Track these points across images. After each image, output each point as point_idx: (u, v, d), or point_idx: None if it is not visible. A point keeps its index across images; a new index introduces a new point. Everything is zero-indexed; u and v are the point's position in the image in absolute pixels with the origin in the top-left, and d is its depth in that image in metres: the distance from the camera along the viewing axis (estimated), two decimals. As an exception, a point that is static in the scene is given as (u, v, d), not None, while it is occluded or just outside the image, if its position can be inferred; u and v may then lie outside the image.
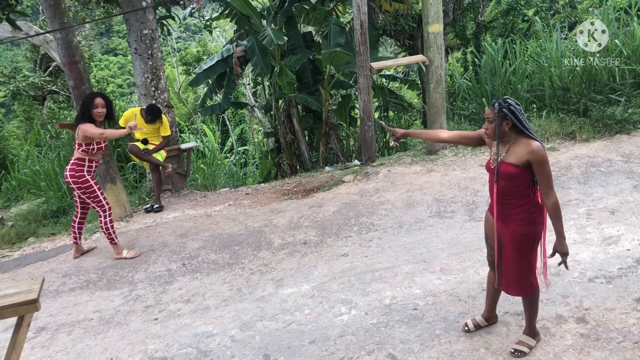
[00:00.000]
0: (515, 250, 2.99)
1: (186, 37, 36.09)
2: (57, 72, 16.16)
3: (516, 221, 2.95)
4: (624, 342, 3.17)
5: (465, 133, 3.36)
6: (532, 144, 2.84)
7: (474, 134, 3.27)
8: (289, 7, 10.74)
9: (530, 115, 8.45)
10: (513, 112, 2.87)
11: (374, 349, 3.43)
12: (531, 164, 2.84)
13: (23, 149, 10.40)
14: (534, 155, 2.82)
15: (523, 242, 2.96)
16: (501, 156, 2.96)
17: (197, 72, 11.80)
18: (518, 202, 2.93)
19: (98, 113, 5.10)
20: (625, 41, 8.12)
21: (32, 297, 2.88)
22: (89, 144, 5.15)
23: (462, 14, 14.13)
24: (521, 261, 3.00)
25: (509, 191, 2.93)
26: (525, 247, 2.97)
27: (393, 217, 5.79)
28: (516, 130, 2.90)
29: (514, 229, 2.96)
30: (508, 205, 2.98)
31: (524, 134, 2.89)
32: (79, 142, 5.15)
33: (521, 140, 2.90)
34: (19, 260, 5.90)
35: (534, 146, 2.83)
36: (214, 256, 5.39)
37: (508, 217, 2.99)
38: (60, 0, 6.31)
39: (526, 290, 3.07)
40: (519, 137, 2.91)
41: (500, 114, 2.88)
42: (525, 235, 2.94)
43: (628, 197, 5.48)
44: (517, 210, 2.94)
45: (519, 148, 2.88)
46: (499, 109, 2.88)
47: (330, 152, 11.63)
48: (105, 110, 5.15)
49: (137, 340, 3.95)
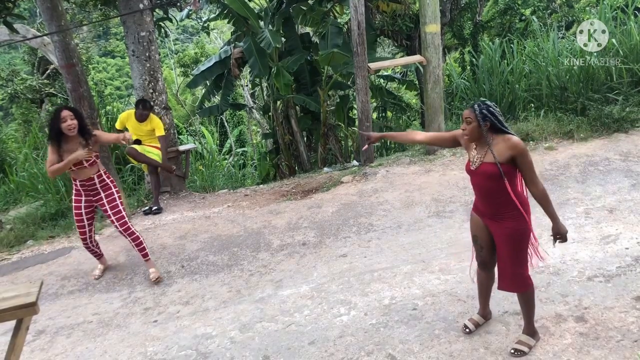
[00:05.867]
0: (510, 247, 3.03)
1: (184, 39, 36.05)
2: (55, 75, 16.11)
3: (510, 218, 3.00)
4: (623, 340, 3.18)
5: (440, 134, 3.44)
6: (511, 139, 2.92)
7: (449, 135, 3.33)
8: (287, 8, 10.74)
9: (528, 115, 8.46)
10: (492, 112, 2.94)
11: (374, 350, 3.43)
12: (514, 157, 2.91)
13: (21, 152, 10.37)
14: (516, 149, 2.90)
15: (519, 236, 3.01)
16: (481, 157, 3.01)
17: (195, 73, 11.79)
18: (509, 199, 2.97)
19: (68, 127, 4.52)
20: (622, 40, 8.13)
21: (31, 300, 2.88)
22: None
23: (459, 14, 14.14)
24: (516, 257, 3.04)
25: (498, 189, 2.97)
26: (520, 241, 3.03)
27: (392, 217, 5.79)
28: (494, 131, 2.96)
29: (508, 225, 3.00)
30: (499, 204, 3.01)
31: (502, 132, 2.96)
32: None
33: (499, 139, 2.96)
34: (18, 264, 5.89)
35: (513, 140, 2.92)
36: (212, 258, 5.39)
37: (501, 215, 3.03)
38: (58, 3, 6.30)
39: (520, 286, 3.10)
40: (497, 136, 2.97)
41: (480, 115, 2.93)
42: (520, 230, 3.00)
43: (626, 196, 5.49)
44: (510, 207, 2.99)
45: (498, 147, 2.94)
46: (479, 110, 2.93)
47: (329, 152, 11.63)
48: (75, 121, 4.56)
49: (137, 342, 3.94)
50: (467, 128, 2.99)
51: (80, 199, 4.90)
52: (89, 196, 4.90)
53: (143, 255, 5.09)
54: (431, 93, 7.86)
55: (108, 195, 4.91)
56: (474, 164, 3.05)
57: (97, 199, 4.92)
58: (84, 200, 4.90)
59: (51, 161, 4.63)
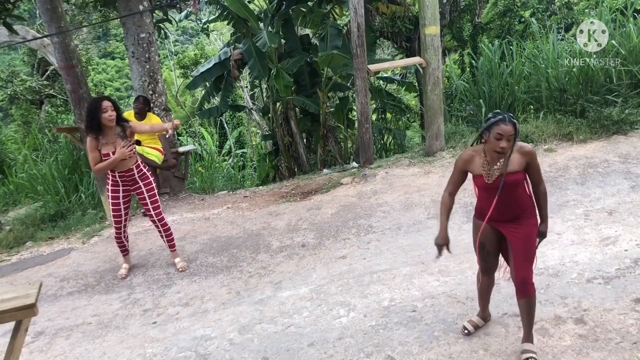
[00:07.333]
0: (529, 246, 3.07)
1: (183, 40, 36.07)
2: (55, 76, 16.12)
3: (528, 217, 3.08)
4: (622, 342, 3.18)
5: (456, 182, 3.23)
6: (525, 146, 3.00)
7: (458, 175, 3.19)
8: (286, 9, 10.75)
9: (528, 117, 8.46)
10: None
11: (373, 351, 3.43)
12: (529, 163, 2.99)
13: (21, 153, 10.38)
14: (531, 155, 2.98)
15: (534, 235, 3.10)
16: (499, 169, 2.99)
17: (195, 75, 11.80)
18: (529, 201, 3.08)
19: (109, 117, 4.51)
20: (621, 42, 8.13)
21: (30, 301, 2.88)
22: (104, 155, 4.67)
23: (458, 16, 14.17)
24: (532, 257, 3.08)
25: (520, 195, 3.04)
26: (534, 240, 3.10)
27: (391, 219, 5.79)
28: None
29: (529, 226, 3.08)
30: (520, 208, 3.07)
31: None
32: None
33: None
34: (17, 265, 5.89)
35: (527, 147, 3.00)
36: (212, 259, 5.39)
37: (520, 217, 3.07)
38: (57, 4, 6.31)
39: (533, 288, 3.09)
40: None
41: (517, 129, 2.91)
42: (535, 228, 3.10)
43: (625, 198, 5.49)
44: (529, 208, 3.08)
45: (514, 155, 2.97)
46: (516, 124, 2.90)
47: (328, 154, 11.63)
48: (115, 113, 4.57)
49: (136, 344, 3.94)
50: (508, 145, 2.88)
51: (118, 189, 4.89)
52: (127, 186, 4.91)
53: (171, 245, 5.25)
54: (431, 95, 7.86)
55: (147, 185, 4.97)
56: (491, 178, 3.00)
57: (135, 188, 4.94)
58: (121, 190, 4.90)
59: (95, 159, 4.63)
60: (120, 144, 4.65)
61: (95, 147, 4.61)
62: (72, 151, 8.36)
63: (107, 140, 4.62)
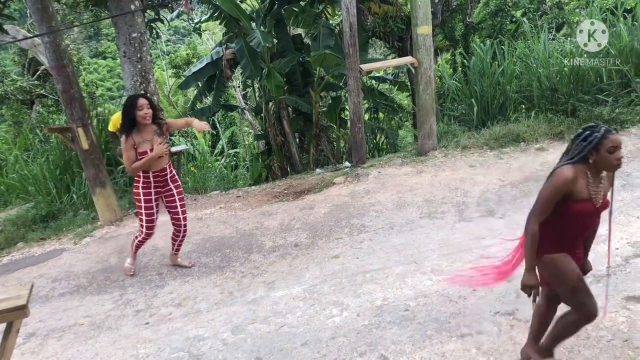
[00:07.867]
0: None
1: (175, 40, 35.95)
2: (46, 76, 16.03)
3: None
4: (613, 340, 3.20)
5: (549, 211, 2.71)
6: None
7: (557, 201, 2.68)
8: (279, 9, 10.75)
9: (519, 116, 8.51)
10: None
11: (366, 351, 3.43)
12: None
13: (11, 154, 10.29)
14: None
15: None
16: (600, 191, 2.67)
17: (187, 75, 11.78)
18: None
19: (145, 115, 4.41)
20: (611, 42, 8.20)
21: (21, 302, 2.86)
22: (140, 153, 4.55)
23: (450, 16, 14.21)
24: None
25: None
26: None
27: (384, 218, 5.80)
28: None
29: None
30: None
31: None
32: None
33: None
34: (8, 266, 5.85)
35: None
36: (205, 259, 5.38)
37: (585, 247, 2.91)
38: (48, 4, 6.26)
39: None
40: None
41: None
42: None
43: (616, 196, 5.51)
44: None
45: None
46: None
47: (321, 154, 11.64)
48: (151, 111, 4.46)
49: (128, 344, 3.93)
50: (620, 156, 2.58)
51: (150, 190, 4.76)
52: (159, 187, 4.81)
53: (179, 248, 5.24)
54: (423, 94, 7.89)
55: (177, 187, 4.93)
56: (598, 201, 2.65)
57: (166, 190, 4.86)
58: (153, 192, 4.79)
59: (130, 158, 4.50)
60: (157, 142, 4.55)
61: (131, 146, 4.48)
62: (64, 151, 8.31)
63: (143, 138, 4.51)
